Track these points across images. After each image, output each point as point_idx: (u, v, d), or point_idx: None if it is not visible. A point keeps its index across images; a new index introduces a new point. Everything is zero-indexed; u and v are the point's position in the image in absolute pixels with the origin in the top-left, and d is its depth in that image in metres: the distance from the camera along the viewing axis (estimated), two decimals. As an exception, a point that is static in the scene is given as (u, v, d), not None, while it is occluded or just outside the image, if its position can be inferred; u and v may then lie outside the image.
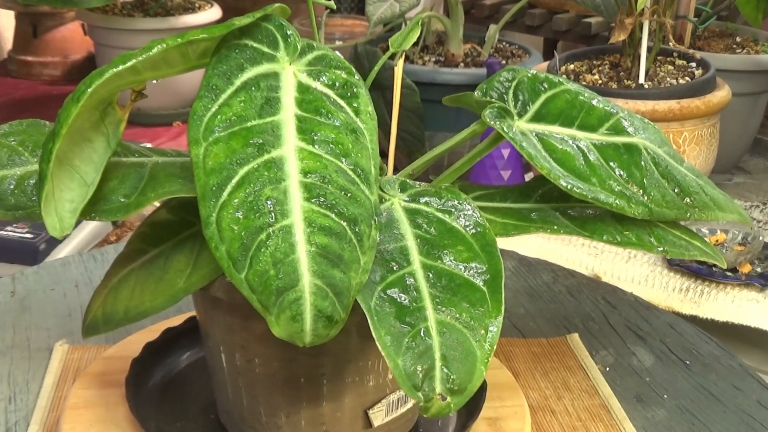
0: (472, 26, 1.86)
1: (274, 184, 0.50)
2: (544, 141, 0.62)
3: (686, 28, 1.53)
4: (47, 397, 0.73)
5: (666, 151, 0.66)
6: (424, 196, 0.57)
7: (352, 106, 0.54)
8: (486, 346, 0.51)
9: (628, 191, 0.62)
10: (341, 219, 0.50)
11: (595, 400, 0.76)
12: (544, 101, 0.64)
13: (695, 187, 0.65)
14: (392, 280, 0.52)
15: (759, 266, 1.25)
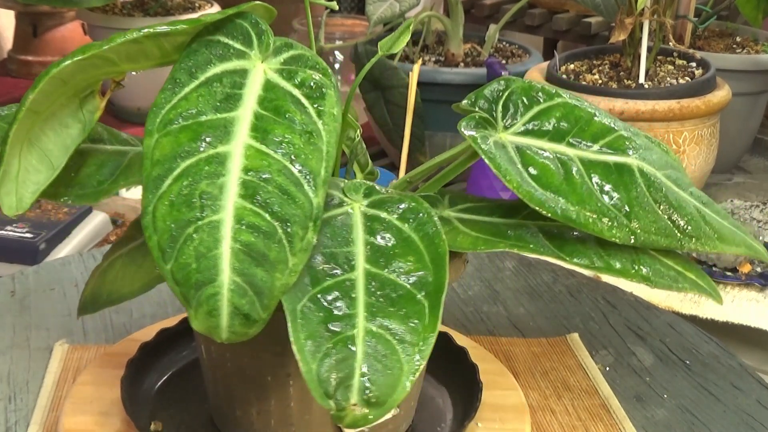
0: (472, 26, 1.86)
1: (212, 179, 0.50)
2: (525, 155, 0.60)
3: (686, 27, 1.53)
4: (47, 396, 0.73)
5: (668, 175, 0.63)
6: (386, 203, 0.55)
7: (316, 107, 0.53)
8: (415, 361, 0.49)
9: (611, 213, 0.59)
10: (273, 219, 0.49)
11: (595, 400, 0.76)
12: (536, 113, 0.62)
13: (695, 215, 0.62)
14: (329, 285, 0.51)
15: (759, 266, 1.25)
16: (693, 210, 0.62)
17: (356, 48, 1.59)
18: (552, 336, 0.86)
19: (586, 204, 0.58)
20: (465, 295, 0.94)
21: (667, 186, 0.62)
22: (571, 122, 0.62)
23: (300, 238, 0.50)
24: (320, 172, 0.51)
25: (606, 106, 1.23)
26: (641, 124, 1.24)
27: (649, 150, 0.63)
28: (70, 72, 0.54)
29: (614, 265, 0.59)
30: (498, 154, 0.58)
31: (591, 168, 0.60)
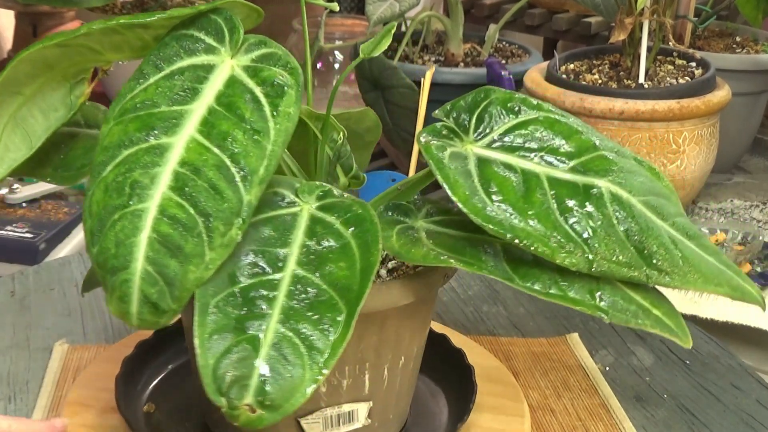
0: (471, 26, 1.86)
1: (147, 169, 0.51)
2: (486, 168, 0.57)
3: (686, 27, 1.53)
4: (47, 396, 0.73)
5: (647, 201, 0.58)
6: (335, 207, 0.55)
7: (272, 106, 0.53)
8: (319, 369, 0.49)
9: (567, 237, 0.55)
10: (196, 212, 0.50)
11: (595, 400, 0.76)
12: (511, 126, 0.59)
13: (669, 247, 0.57)
14: (252, 284, 0.51)
15: (759, 266, 1.25)
16: (667, 242, 0.57)
17: (356, 48, 1.59)
18: (552, 336, 0.86)
19: (541, 225, 0.55)
20: (465, 295, 0.94)
21: (642, 214, 0.57)
22: (548, 138, 0.59)
23: (221, 234, 0.50)
24: (258, 171, 0.51)
25: (606, 106, 1.23)
26: (641, 124, 1.23)
27: (631, 174, 0.59)
28: (53, 57, 0.56)
29: (569, 293, 0.55)
30: (451, 164, 0.56)
31: (557, 187, 0.56)
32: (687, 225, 0.59)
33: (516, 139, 0.59)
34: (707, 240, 0.60)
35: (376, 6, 1.48)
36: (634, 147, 1.24)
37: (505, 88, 1.36)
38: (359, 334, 0.58)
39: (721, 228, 1.29)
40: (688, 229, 0.59)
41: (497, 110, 0.59)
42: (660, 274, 0.56)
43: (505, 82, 1.34)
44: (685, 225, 0.59)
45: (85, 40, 0.56)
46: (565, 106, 1.26)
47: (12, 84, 0.57)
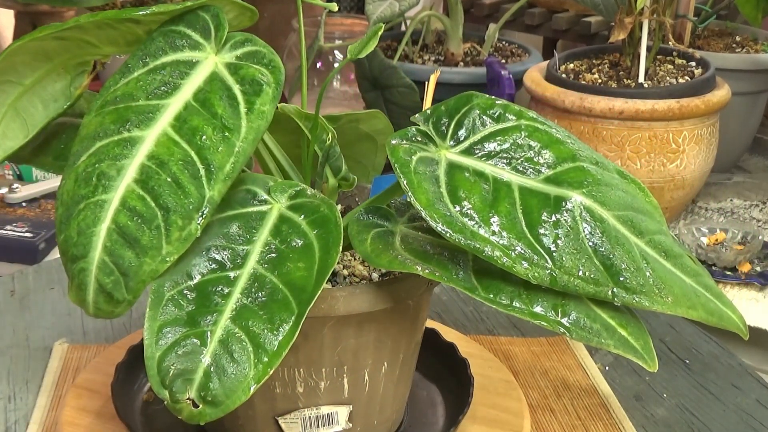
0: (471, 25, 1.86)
1: (115, 161, 0.51)
2: (456, 175, 0.55)
3: (686, 27, 1.53)
4: (47, 396, 0.73)
5: (622, 217, 0.55)
6: (304, 208, 0.55)
7: (249, 103, 0.54)
8: (261, 367, 0.49)
9: (531, 249, 0.52)
10: (157, 206, 0.50)
11: (595, 399, 0.76)
12: (490, 133, 0.57)
13: (640, 265, 0.54)
14: (210, 279, 0.51)
15: (758, 265, 1.25)
16: (638, 259, 0.54)
17: (356, 47, 1.59)
18: (551, 335, 0.86)
19: (505, 236, 0.53)
20: (464, 295, 0.94)
21: (614, 229, 0.54)
22: (527, 146, 0.57)
23: (179, 228, 0.50)
24: (224, 167, 0.52)
25: (605, 106, 1.23)
26: (641, 124, 1.24)
27: (609, 187, 0.56)
28: (52, 49, 0.57)
29: (531, 307, 0.52)
30: (419, 169, 0.54)
31: (528, 198, 0.54)
32: (666, 243, 0.56)
33: (493, 146, 0.56)
34: (688, 260, 0.56)
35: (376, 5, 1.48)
36: (633, 146, 1.24)
37: (505, 88, 1.37)
38: (335, 337, 0.58)
39: (721, 227, 1.29)
40: (666, 248, 0.56)
41: (478, 116, 0.58)
42: (627, 292, 0.53)
43: (505, 82, 1.34)
44: (664, 243, 0.56)
45: (80, 34, 0.57)
46: (564, 105, 1.26)
47: (8, 73, 0.58)
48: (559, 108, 1.27)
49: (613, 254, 0.53)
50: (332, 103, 2.00)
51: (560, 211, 0.54)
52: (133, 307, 0.88)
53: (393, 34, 1.73)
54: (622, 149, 1.24)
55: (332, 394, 0.61)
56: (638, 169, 1.25)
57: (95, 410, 0.69)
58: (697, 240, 1.26)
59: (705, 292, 0.55)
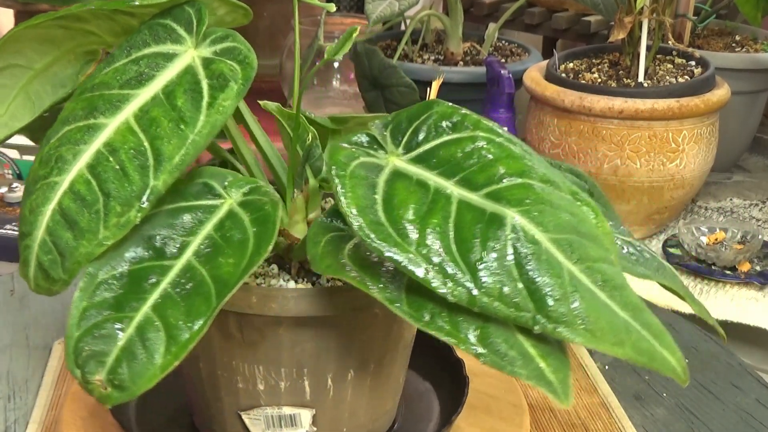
0: (471, 25, 1.86)
1: (74, 145, 0.53)
2: (396, 183, 0.53)
3: (685, 26, 1.53)
4: (46, 395, 0.73)
5: (560, 240, 0.51)
6: (252, 204, 0.55)
7: (212, 98, 0.54)
8: (169, 357, 0.49)
9: (452, 265, 0.49)
10: (100, 191, 0.52)
11: (594, 399, 0.76)
12: (443, 142, 0.55)
13: (566, 294, 0.49)
14: (144, 267, 0.52)
15: (758, 265, 1.25)
16: (567, 287, 0.49)
17: (355, 47, 1.59)
18: (551, 335, 0.86)
19: (428, 250, 0.50)
20: (464, 294, 0.94)
21: (546, 253, 0.50)
22: (479, 158, 0.54)
23: (117, 215, 0.51)
24: (173, 159, 0.52)
25: (605, 105, 1.23)
26: (640, 123, 1.24)
27: (554, 208, 0.52)
28: (57, 36, 0.60)
29: (445, 326, 0.49)
30: (356, 173, 0.52)
31: (463, 211, 0.51)
32: (608, 272, 0.51)
33: (444, 155, 0.54)
34: (631, 293, 0.52)
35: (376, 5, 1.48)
36: (633, 146, 1.24)
37: (505, 87, 1.36)
38: (293, 338, 0.59)
39: (721, 227, 1.29)
40: (607, 277, 0.50)
41: (435, 124, 0.56)
42: (549, 321, 0.48)
43: (505, 81, 1.34)
44: (606, 272, 0.51)
45: (81, 24, 0.58)
46: (564, 105, 1.26)
47: (16, 58, 0.60)
48: (558, 107, 1.27)
49: (539, 279, 0.49)
50: (332, 102, 2.00)
51: (492, 229, 0.50)
52: (133, 307, 0.88)
53: (392, 34, 1.73)
54: (622, 148, 1.24)
55: (293, 395, 0.61)
56: (638, 169, 1.25)
57: (95, 410, 0.69)
58: (697, 239, 1.26)
59: (641, 329, 0.50)
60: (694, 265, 1.24)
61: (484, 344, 0.49)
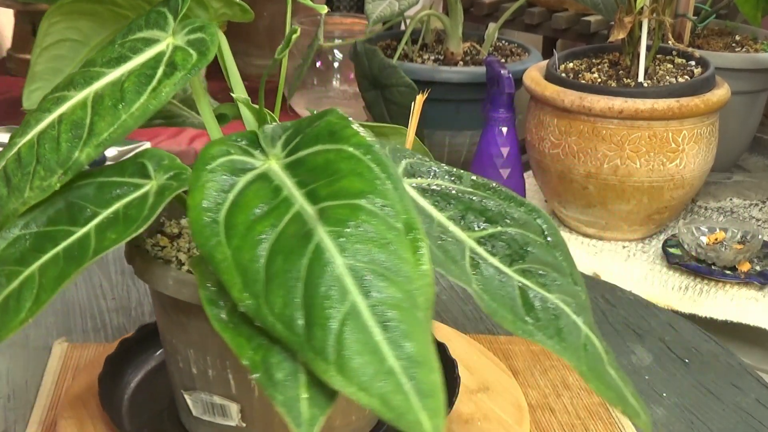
0: (471, 25, 1.86)
1: (41, 113, 0.57)
2: (257, 185, 0.52)
3: (685, 26, 1.53)
4: (46, 395, 0.73)
5: (358, 267, 0.47)
6: (166, 188, 0.56)
7: (158, 83, 0.56)
8: (25, 314, 0.52)
9: (253, 273, 0.48)
10: (35, 155, 0.56)
11: (594, 399, 0.76)
12: (314, 152, 0.53)
13: (339, 324, 0.45)
14: (53, 230, 0.55)
15: (758, 264, 1.25)
16: (341, 317, 0.45)
17: (355, 46, 1.59)
18: (551, 334, 0.86)
19: (243, 255, 0.48)
20: (464, 294, 0.94)
21: (338, 281, 0.47)
22: (332, 170, 0.52)
23: (41, 179, 0.55)
24: (101, 135, 0.55)
25: (605, 105, 1.23)
26: (640, 123, 1.24)
27: (372, 239, 0.48)
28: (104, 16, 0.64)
29: (241, 335, 0.48)
30: (216, 169, 0.52)
31: (291, 222, 0.49)
32: (398, 316, 0.46)
33: (311, 163, 0.52)
34: (420, 344, 0.46)
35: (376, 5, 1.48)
36: (633, 146, 1.24)
37: (505, 87, 1.36)
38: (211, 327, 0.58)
39: (721, 227, 1.29)
40: (394, 320, 0.46)
41: (318, 132, 0.54)
42: (308, 346, 0.45)
43: (505, 81, 1.34)
44: (395, 314, 0.46)
45: (114, 7, 0.63)
46: (564, 104, 1.26)
47: (72, 33, 0.64)
48: (558, 107, 1.27)
49: (318, 303, 0.46)
50: (332, 102, 2.00)
51: (301, 245, 0.48)
52: (132, 308, 0.88)
53: (392, 34, 1.73)
54: (622, 148, 1.24)
55: (221, 385, 0.61)
56: (638, 169, 1.25)
57: (95, 409, 0.69)
58: (697, 239, 1.26)
59: (405, 383, 0.44)
60: (694, 265, 1.24)
61: (262, 359, 0.47)
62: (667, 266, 1.27)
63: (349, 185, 0.50)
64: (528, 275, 0.54)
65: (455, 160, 1.61)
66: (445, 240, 0.54)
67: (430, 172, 0.58)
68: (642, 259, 1.30)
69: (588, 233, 1.37)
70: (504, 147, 1.36)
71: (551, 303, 0.53)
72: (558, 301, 0.54)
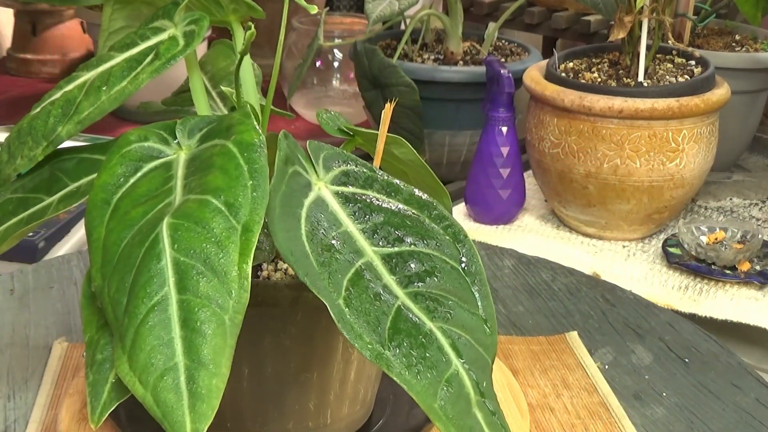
0: (471, 24, 1.86)
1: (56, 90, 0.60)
2: (152, 172, 0.53)
3: (685, 26, 1.53)
4: (46, 394, 0.73)
5: (180, 262, 0.47)
6: None
7: (142, 70, 0.58)
8: None
9: (102, 253, 0.50)
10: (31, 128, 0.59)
11: (594, 398, 0.76)
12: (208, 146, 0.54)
13: (145, 313, 0.46)
14: (31, 197, 0.59)
15: (758, 264, 1.25)
16: (151, 307, 0.46)
17: (355, 46, 1.59)
18: (551, 334, 0.86)
19: (111, 235, 0.50)
20: (464, 294, 0.94)
21: (160, 272, 0.47)
22: (207, 166, 0.52)
23: (29, 149, 0.59)
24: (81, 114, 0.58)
25: (605, 104, 1.23)
26: (640, 123, 1.24)
27: (204, 234, 0.48)
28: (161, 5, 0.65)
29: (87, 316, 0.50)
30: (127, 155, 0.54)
31: (158, 211, 0.50)
32: (204, 314, 0.46)
33: (202, 157, 0.53)
34: (217, 347, 0.46)
35: (375, 4, 1.48)
36: (633, 145, 1.24)
37: (505, 87, 1.36)
38: None
39: (721, 226, 1.29)
40: (197, 318, 0.46)
41: (217, 129, 0.55)
42: (118, 341, 0.46)
43: (505, 81, 1.34)
44: (204, 312, 0.46)
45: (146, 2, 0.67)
46: (564, 104, 1.26)
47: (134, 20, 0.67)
48: (558, 107, 1.27)
49: (138, 290, 0.47)
50: (332, 102, 2.00)
51: (148, 233, 0.49)
52: (133, 306, 0.88)
53: (392, 33, 1.73)
54: (622, 148, 1.24)
55: None
56: (638, 168, 1.25)
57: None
58: (697, 239, 1.26)
59: (183, 385, 0.44)
60: (694, 264, 1.24)
61: (96, 340, 0.48)
62: (667, 266, 1.27)
63: (212, 180, 0.50)
64: (418, 299, 0.51)
65: (455, 159, 1.61)
66: (339, 252, 0.51)
67: (365, 183, 0.56)
68: (642, 259, 1.30)
69: (588, 233, 1.37)
70: (504, 147, 1.36)
71: (426, 331, 0.50)
72: (437, 331, 0.50)
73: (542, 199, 1.47)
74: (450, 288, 0.52)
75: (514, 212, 1.41)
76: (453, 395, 0.49)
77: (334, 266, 0.50)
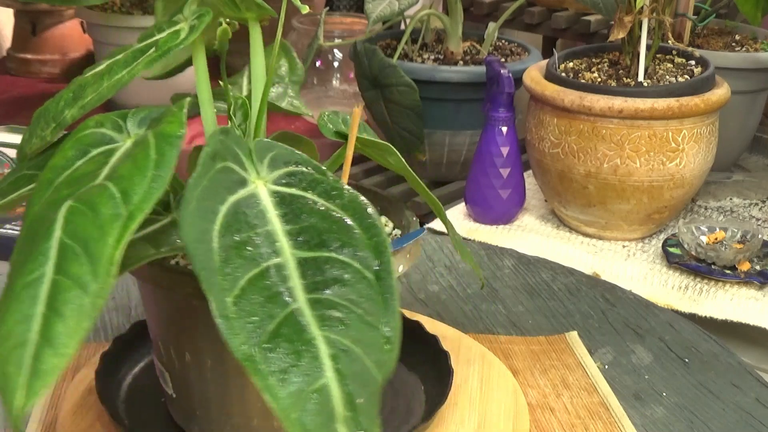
0: (471, 24, 1.86)
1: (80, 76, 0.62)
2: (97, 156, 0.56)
3: (685, 25, 1.53)
4: (46, 394, 0.73)
5: (64, 244, 0.48)
6: None
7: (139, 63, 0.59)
8: None
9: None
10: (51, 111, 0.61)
11: (594, 398, 0.76)
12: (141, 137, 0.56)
13: None
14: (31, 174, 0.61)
15: (758, 264, 1.25)
16: (24, 284, 0.46)
17: (355, 46, 1.58)
18: (551, 334, 0.86)
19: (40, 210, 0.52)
20: (464, 293, 0.94)
21: (46, 247, 0.48)
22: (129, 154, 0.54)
23: (41, 129, 0.61)
24: (84, 99, 0.59)
25: (605, 104, 1.23)
26: (640, 122, 1.24)
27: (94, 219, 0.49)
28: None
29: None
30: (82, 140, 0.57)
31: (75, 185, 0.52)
32: (71, 296, 0.46)
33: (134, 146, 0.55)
34: (67, 326, 0.45)
35: (375, 4, 1.48)
36: (633, 145, 1.24)
37: (505, 86, 1.36)
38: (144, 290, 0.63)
39: (720, 226, 1.29)
40: (62, 299, 0.46)
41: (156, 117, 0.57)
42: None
43: (505, 80, 1.34)
44: (72, 294, 0.46)
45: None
46: (564, 104, 1.26)
47: None
48: (558, 107, 1.27)
49: (25, 266, 0.47)
50: (332, 101, 2.00)
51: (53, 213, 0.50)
52: (132, 307, 0.88)
53: (392, 33, 1.72)
54: (622, 148, 1.24)
55: (158, 353, 0.65)
56: (638, 168, 1.25)
57: (95, 408, 0.69)
58: (697, 239, 1.26)
59: (29, 355, 0.44)
60: (694, 264, 1.24)
61: None
62: (666, 266, 1.27)
63: (120, 168, 0.51)
64: (316, 306, 0.49)
65: (455, 159, 1.61)
66: (251, 250, 0.50)
67: (309, 184, 0.54)
68: (642, 259, 1.30)
69: (588, 233, 1.37)
70: (504, 147, 1.36)
71: (308, 338, 0.48)
72: (321, 340, 0.48)
73: (542, 199, 1.47)
74: (357, 299, 0.50)
75: (514, 212, 1.41)
76: (314, 409, 0.46)
77: (237, 263, 0.49)
